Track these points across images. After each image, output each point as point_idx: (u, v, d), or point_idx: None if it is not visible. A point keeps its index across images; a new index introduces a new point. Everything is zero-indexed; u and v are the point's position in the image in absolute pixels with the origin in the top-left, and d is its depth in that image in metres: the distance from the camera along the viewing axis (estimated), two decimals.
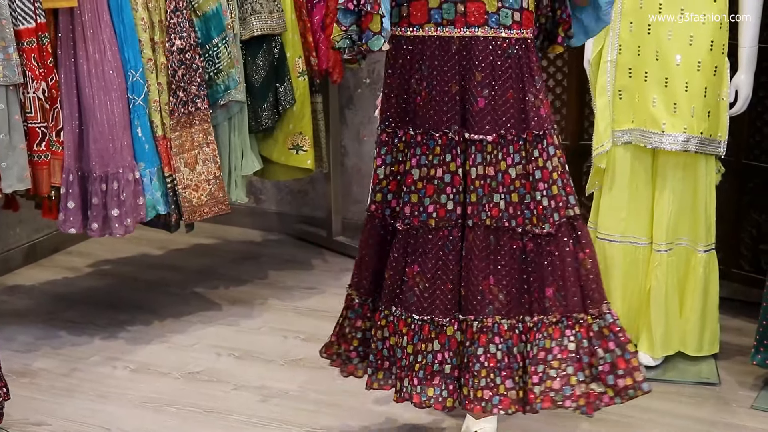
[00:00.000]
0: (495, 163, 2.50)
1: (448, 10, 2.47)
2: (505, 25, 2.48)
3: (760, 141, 3.47)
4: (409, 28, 2.51)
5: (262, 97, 3.53)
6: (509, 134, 2.50)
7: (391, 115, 2.57)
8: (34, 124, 2.98)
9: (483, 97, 2.49)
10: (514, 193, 2.51)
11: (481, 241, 2.51)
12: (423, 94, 2.51)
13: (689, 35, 3.07)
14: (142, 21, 3.14)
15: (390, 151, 2.59)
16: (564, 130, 3.78)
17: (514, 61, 2.50)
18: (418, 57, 2.51)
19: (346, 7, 2.45)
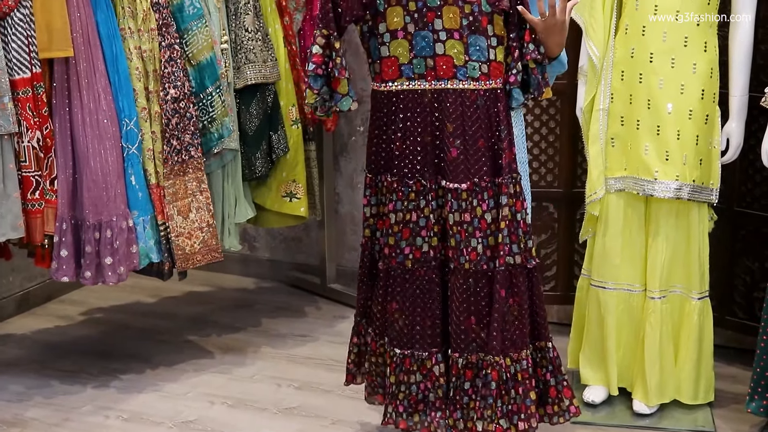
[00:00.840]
0: (470, 209, 2.64)
1: (419, 65, 2.61)
2: (473, 78, 2.60)
3: (751, 188, 3.49)
4: (382, 84, 2.66)
5: (256, 145, 3.54)
6: (483, 181, 2.64)
7: (373, 161, 2.73)
8: (28, 172, 2.98)
9: (455, 147, 2.62)
10: (490, 237, 2.66)
11: (461, 284, 2.66)
12: (398, 144, 2.66)
13: (680, 84, 3.09)
14: (136, 70, 3.16)
15: (374, 193, 2.76)
16: (557, 178, 3.79)
17: (483, 112, 2.62)
18: (393, 110, 2.66)
19: (315, 73, 2.62)
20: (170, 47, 3.23)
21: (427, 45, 2.59)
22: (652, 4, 3.09)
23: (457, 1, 2.56)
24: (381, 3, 2.59)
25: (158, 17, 3.20)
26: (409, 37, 2.59)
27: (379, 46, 2.62)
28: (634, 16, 3.14)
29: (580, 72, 3.32)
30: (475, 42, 2.57)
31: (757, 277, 3.51)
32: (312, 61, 2.61)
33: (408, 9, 2.57)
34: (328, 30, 2.58)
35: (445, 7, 2.56)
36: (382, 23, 2.60)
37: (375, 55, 2.64)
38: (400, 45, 2.60)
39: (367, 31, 2.63)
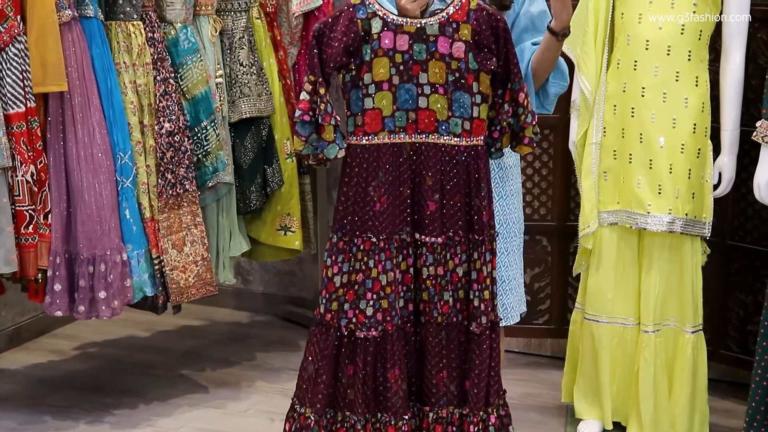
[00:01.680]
0: (444, 263, 2.60)
1: (401, 118, 2.57)
2: (455, 133, 2.57)
3: (744, 222, 3.50)
4: (364, 137, 2.58)
5: (251, 178, 3.55)
6: (456, 236, 2.60)
7: (348, 222, 2.60)
8: (21, 207, 2.98)
9: (434, 201, 2.58)
10: (461, 290, 2.63)
11: (434, 338, 2.62)
12: (382, 201, 2.58)
13: (672, 118, 3.11)
14: (131, 104, 3.17)
15: (347, 259, 2.60)
16: (550, 212, 3.80)
17: (462, 168, 2.58)
18: (375, 165, 2.58)
19: (302, 119, 2.56)
20: (165, 81, 3.24)
21: (410, 98, 2.56)
22: (644, 39, 3.12)
23: (444, 57, 2.54)
24: (368, 53, 2.55)
25: (153, 52, 3.22)
26: (393, 90, 2.55)
27: (363, 97, 2.56)
28: (625, 50, 3.16)
29: (573, 106, 3.34)
30: (459, 98, 2.55)
31: (750, 311, 3.51)
32: (299, 108, 2.56)
33: (394, 61, 2.54)
34: (315, 76, 2.54)
35: (431, 62, 2.54)
36: (368, 74, 2.56)
37: (357, 107, 2.57)
38: (384, 97, 2.56)
39: (350, 81, 2.57)
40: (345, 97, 2.60)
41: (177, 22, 3.28)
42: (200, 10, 3.37)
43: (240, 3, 3.49)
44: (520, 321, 3.02)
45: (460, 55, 2.54)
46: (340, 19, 2.54)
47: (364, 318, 2.58)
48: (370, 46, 2.54)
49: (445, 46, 2.54)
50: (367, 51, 2.55)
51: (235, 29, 3.49)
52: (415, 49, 2.54)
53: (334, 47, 2.53)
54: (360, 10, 2.54)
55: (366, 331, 2.58)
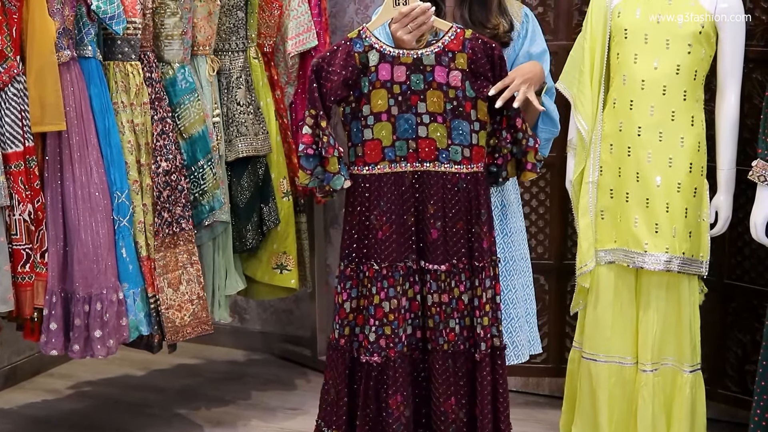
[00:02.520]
0: (449, 290, 2.62)
1: (401, 147, 2.60)
2: (455, 161, 2.60)
3: (741, 261, 3.50)
4: (364, 167, 2.62)
5: (247, 217, 3.55)
6: (460, 263, 2.63)
7: (354, 250, 2.65)
8: (18, 245, 2.97)
9: (436, 228, 2.61)
10: (467, 317, 2.65)
11: (441, 365, 2.63)
12: (384, 229, 2.60)
13: (668, 157, 3.12)
14: (128, 144, 3.17)
15: (355, 285, 2.66)
16: (547, 250, 3.80)
17: (463, 195, 2.61)
18: (376, 194, 2.61)
19: (306, 153, 2.59)
20: (162, 121, 3.25)
21: (409, 127, 2.59)
22: (639, 79, 3.13)
23: (442, 86, 2.57)
24: (366, 85, 2.58)
25: (151, 91, 3.23)
26: (393, 120, 2.59)
27: (362, 128, 2.60)
28: (621, 90, 3.18)
29: (569, 145, 3.35)
30: (458, 126, 2.58)
31: (748, 350, 3.50)
32: (302, 142, 2.59)
33: (392, 92, 2.58)
34: (315, 110, 2.58)
35: (429, 91, 2.57)
36: (366, 105, 2.59)
37: (357, 138, 2.62)
38: (383, 127, 2.60)
39: (350, 113, 2.61)
40: (345, 128, 2.64)
41: (175, 62, 3.30)
42: (198, 50, 3.39)
43: (237, 43, 3.51)
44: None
45: (457, 83, 2.57)
46: (338, 53, 2.58)
47: (368, 343, 2.62)
48: (368, 79, 2.58)
49: (442, 75, 2.57)
50: (365, 83, 2.58)
51: (232, 69, 3.51)
52: (412, 80, 2.58)
53: (334, 81, 2.56)
54: (357, 43, 2.58)
55: (369, 356, 2.61)
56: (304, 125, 2.60)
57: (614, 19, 3.19)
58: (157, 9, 3.22)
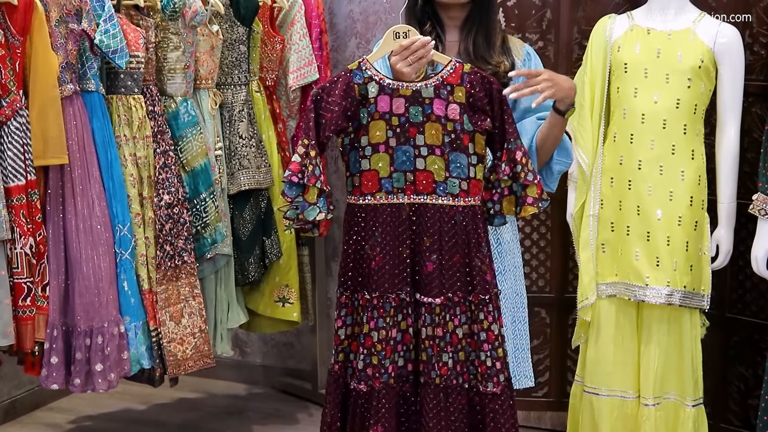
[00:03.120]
0: (443, 324, 2.60)
1: (398, 179, 2.60)
2: (453, 194, 2.60)
3: (742, 295, 3.49)
4: (361, 197, 2.62)
5: (249, 250, 3.55)
6: (456, 296, 2.61)
7: (349, 279, 2.65)
8: (20, 279, 2.98)
9: (432, 261, 2.59)
10: (461, 352, 2.62)
11: (432, 399, 2.60)
12: (377, 259, 2.60)
13: (669, 191, 3.13)
14: (131, 177, 3.18)
15: (350, 313, 2.67)
16: (548, 283, 3.80)
17: (460, 228, 2.60)
18: (372, 224, 2.61)
19: (290, 180, 2.58)
20: (165, 154, 3.26)
21: (407, 159, 2.59)
22: (640, 113, 3.15)
23: (440, 119, 2.57)
24: (364, 116, 2.59)
25: (153, 125, 3.24)
26: (390, 151, 2.59)
27: (360, 159, 2.61)
28: (622, 124, 3.19)
29: (570, 178, 3.36)
30: (456, 159, 2.58)
31: (751, 384, 3.49)
32: (289, 169, 2.58)
33: (391, 123, 2.58)
34: (308, 139, 2.58)
35: (427, 124, 2.58)
36: (364, 136, 2.60)
37: (355, 168, 2.62)
38: (381, 159, 2.60)
39: (348, 144, 2.62)
40: (344, 159, 2.65)
41: (177, 95, 3.32)
42: (200, 84, 3.41)
43: (240, 77, 3.53)
44: (520, 393, 2.99)
45: (456, 116, 2.58)
46: (338, 84, 2.59)
47: (357, 371, 2.62)
48: (367, 110, 2.59)
49: (441, 108, 2.58)
50: (364, 114, 2.59)
51: (234, 102, 3.53)
52: (411, 112, 2.58)
53: (334, 111, 2.57)
54: (357, 75, 2.59)
55: (357, 383, 2.61)
56: (294, 153, 2.60)
57: (614, 53, 3.21)
58: (159, 43, 3.24)
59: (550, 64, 3.67)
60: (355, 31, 4.08)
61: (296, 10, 3.67)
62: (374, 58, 2.65)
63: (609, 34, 3.25)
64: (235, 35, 3.47)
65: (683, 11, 3.17)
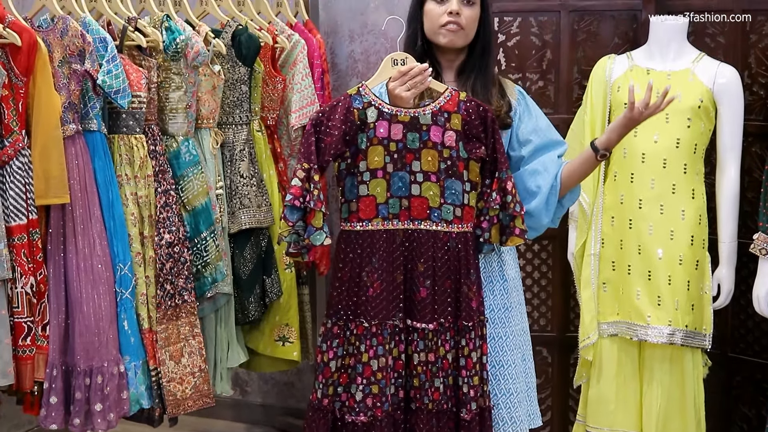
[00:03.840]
0: (435, 349, 2.61)
1: (394, 205, 2.62)
2: (447, 220, 2.62)
3: (744, 334, 3.48)
4: (358, 223, 2.64)
5: (249, 289, 3.54)
6: (447, 322, 2.62)
7: (342, 308, 2.65)
8: (20, 318, 2.97)
9: (425, 287, 2.61)
10: (450, 377, 2.63)
11: (425, 425, 2.61)
12: (375, 286, 2.61)
13: (670, 230, 3.13)
14: (132, 216, 3.19)
15: (342, 344, 2.66)
16: (550, 322, 3.79)
17: (453, 254, 2.62)
18: (368, 251, 2.63)
19: (292, 204, 2.60)
20: (166, 193, 3.27)
21: (403, 185, 2.61)
22: (640, 152, 3.16)
23: (436, 145, 2.60)
24: (363, 141, 2.62)
25: (155, 164, 3.25)
26: (388, 177, 2.62)
27: (358, 184, 2.63)
28: (622, 163, 3.20)
29: (571, 217, 3.37)
30: (451, 186, 2.61)
31: (754, 425, 3.47)
32: (290, 192, 2.60)
33: (389, 149, 2.61)
34: (309, 163, 2.59)
35: (424, 150, 2.61)
36: (363, 161, 2.62)
37: (352, 194, 2.64)
38: (378, 184, 2.62)
39: (345, 169, 2.64)
40: (340, 184, 2.66)
41: (179, 135, 3.33)
42: (202, 124, 3.42)
43: (241, 116, 3.54)
44: None
45: (452, 143, 2.60)
46: (338, 109, 2.62)
47: (354, 402, 2.60)
48: (366, 135, 2.61)
49: (438, 135, 2.60)
50: (363, 139, 2.61)
51: (236, 142, 3.54)
52: (408, 138, 2.61)
53: (334, 135, 2.59)
54: (356, 100, 2.62)
55: (355, 415, 2.59)
56: (294, 177, 2.61)
57: (614, 93, 3.23)
58: (161, 83, 3.26)
59: (550, 103, 3.69)
60: (356, 70, 4.10)
61: (299, 50, 3.69)
62: (373, 83, 2.68)
63: (609, 74, 3.27)
64: (236, 75, 3.49)
65: (682, 52, 3.20)
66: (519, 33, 3.70)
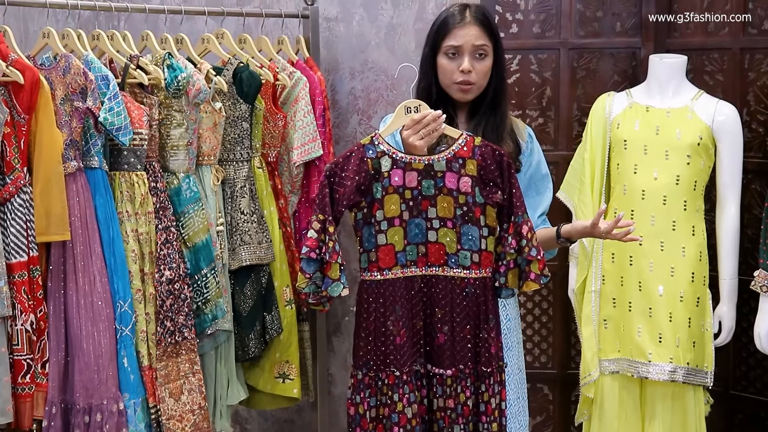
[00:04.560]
0: (455, 395, 2.61)
1: (411, 252, 2.63)
2: (464, 266, 2.62)
3: (746, 372, 3.47)
4: (378, 273, 2.63)
5: (250, 325, 3.54)
6: (467, 368, 2.62)
7: (371, 358, 2.64)
8: (20, 356, 2.96)
9: (443, 333, 2.61)
10: (471, 423, 2.62)
11: None
12: (401, 334, 2.61)
13: (670, 267, 3.13)
14: (132, 253, 3.19)
15: (374, 394, 2.64)
16: (551, 359, 3.78)
17: (471, 300, 2.62)
18: (391, 299, 2.62)
19: (309, 256, 2.59)
20: (166, 230, 3.27)
21: (420, 232, 2.62)
22: (640, 189, 3.16)
23: (452, 192, 2.60)
24: (378, 190, 2.61)
25: (156, 201, 3.25)
26: (404, 225, 2.62)
27: (376, 234, 2.62)
28: (622, 200, 3.21)
29: (571, 254, 3.37)
30: (467, 231, 2.61)
31: None
32: (306, 245, 2.59)
33: (404, 197, 2.61)
34: (324, 214, 2.59)
35: (440, 197, 2.61)
36: (379, 210, 2.62)
37: (371, 243, 2.63)
38: (396, 232, 2.62)
39: (362, 219, 2.63)
40: (357, 234, 2.65)
41: (180, 171, 3.33)
42: (203, 160, 3.43)
43: (242, 153, 3.55)
44: None
45: (467, 189, 2.60)
46: (352, 159, 2.61)
47: None
48: (381, 184, 2.61)
49: (453, 181, 2.60)
50: (378, 189, 2.61)
51: (236, 178, 3.55)
52: (423, 185, 2.61)
53: (348, 186, 2.59)
54: (369, 149, 2.62)
55: None
56: (309, 229, 2.60)
57: (613, 130, 3.24)
58: (163, 120, 3.27)
59: (550, 140, 3.71)
60: (357, 107, 4.12)
61: (300, 88, 3.71)
62: (386, 132, 2.67)
63: (608, 111, 3.28)
64: (237, 112, 3.51)
65: (681, 89, 3.21)
66: (519, 70, 3.72)
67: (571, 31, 3.66)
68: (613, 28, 3.65)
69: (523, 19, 3.72)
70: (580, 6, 3.65)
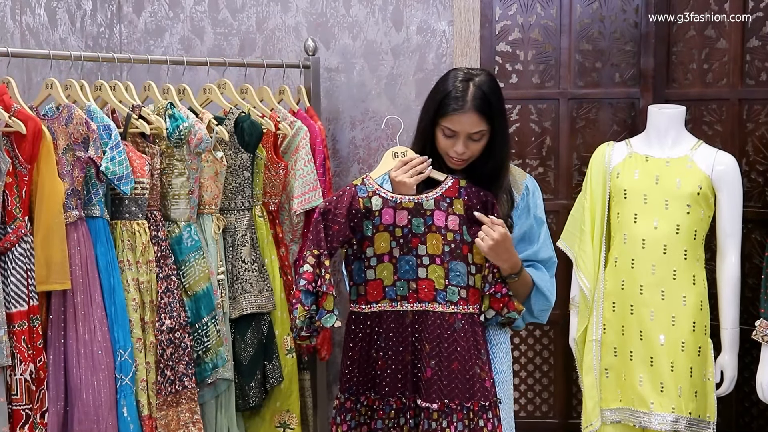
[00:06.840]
0: (440, 429, 2.64)
1: (402, 287, 2.70)
2: (452, 301, 2.68)
3: (749, 422, 3.45)
4: (366, 305, 2.73)
5: (250, 374, 3.52)
6: (453, 403, 2.65)
7: (354, 383, 2.74)
8: (18, 406, 2.95)
9: (431, 367, 2.66)
10: None
11: None
12: (380, 363, 2.70)
13: (671, 316, 3.13)
14: (133, 301, 3.19)
15: (354, 417, 2.75)
16: (552, 408, 3.76)
17: (459, 335, 2.66)
18: (376, 329, 2.72)
19: (306, 288, 2.68)
20: (167, 278, 3.27)
21: (410, 269, 2.69)
22: (640, 238, 3.17)
23: (440, 229, 2.68)
24: (369, 228, 2.70)
25: (157, 249, 3.26)
26: (394, 261, 2.70)
27: (365, 269, 2.72)
28: (623, 249, 3.21)
29: (572, 303, 3.36)
30: (455, 268, 2.67)
31: None
32: (303, 278, 2.68)
33: (394, 235, 2.70)
34: (319, 249, 2.68)
35: (429, 234, 2.68)
36: (370, 247, 2.71)
37: (360, 278, 2.73)
38: (385, 268, 2.71)
39: (352, 255, 2.73)
40: (348, 268, 2.75)
41: (181, 220, 3.34)
42: (204, 209, 3.44)
43: (243, 202, 3.56)
44: None
45: (455, 227, 2.68)
46: (344, 198, 2.72)
47: None
48: (372, 222, 2.70)
49: (441, 219, 2.68)
50: (369, 227, 2.70)
51: (237, 227, 3.55)
52: (413, 223, 2.69)
53: (341, 223, 2.69)
54: (361, 189, 2.72)
55: None
56: (304, 263, 2.69)
57: (613, 179, 3.25)
58: (164, 169, 3.29)
59: (550, 189, 3.72)
60: (357, 156, 4.14)
61: (301, 137, 3.73)
62: (376, 174, 2.78)
63: (608, 161, 3.29)
64: (239, 161, 3.52)
65: (681, 139, 3.23)
66: (519, 120, 3.75)
67: (571, 82, 3.69)
68: (612, 78, 3.68)
69: (522, 70, 3.75)
70: (579, 57, 3.69)
